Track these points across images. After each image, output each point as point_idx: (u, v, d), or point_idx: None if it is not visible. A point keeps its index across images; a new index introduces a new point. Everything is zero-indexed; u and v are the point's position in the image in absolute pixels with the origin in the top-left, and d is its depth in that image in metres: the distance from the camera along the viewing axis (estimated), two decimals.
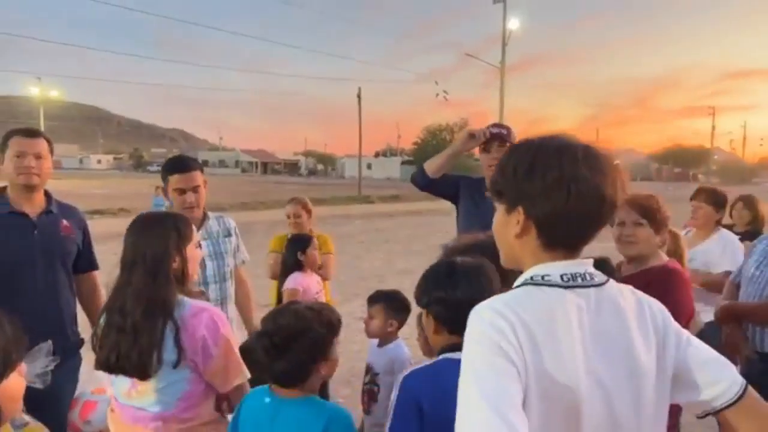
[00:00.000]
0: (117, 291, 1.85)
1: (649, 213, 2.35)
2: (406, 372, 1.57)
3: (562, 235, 1.07)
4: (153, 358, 1.75)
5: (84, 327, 2.59)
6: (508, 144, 3.02)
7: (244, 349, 1.88)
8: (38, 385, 2.08)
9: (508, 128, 3.22)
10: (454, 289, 1.50)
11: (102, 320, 1.88)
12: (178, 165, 2.69)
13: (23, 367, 1.25)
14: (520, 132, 2.99)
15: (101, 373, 1.95)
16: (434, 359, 1.56)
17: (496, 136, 3.03)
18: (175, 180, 2.63)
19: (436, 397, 1.44)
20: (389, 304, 2.54)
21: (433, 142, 65.53)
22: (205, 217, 2.82)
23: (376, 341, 2.58)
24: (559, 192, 1.03)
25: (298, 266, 3.41)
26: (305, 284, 3.37)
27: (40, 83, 42.36)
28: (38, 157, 2.44)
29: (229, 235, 2.88)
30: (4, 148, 2.44)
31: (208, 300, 2.44)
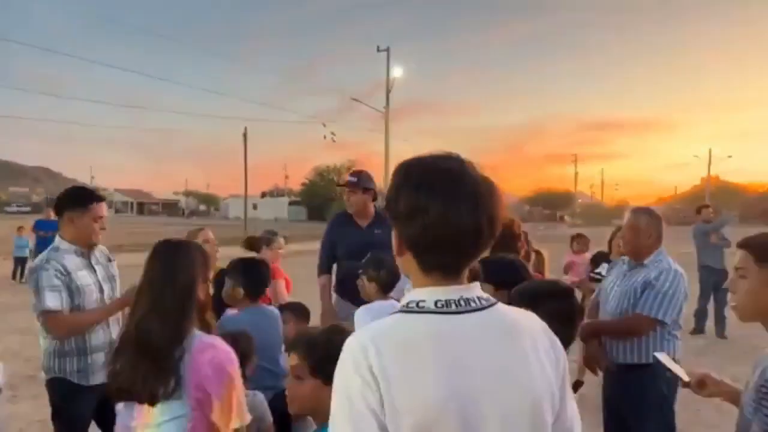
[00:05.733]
0: (143, 313, 1.83)
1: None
2: None
3: (434, 260, 1.06)
4: (164, 383, 1.75)
5: None
6: (359, 190, 3.85)
7: None
8: None
9: (359, 174, 3.90)
10: None
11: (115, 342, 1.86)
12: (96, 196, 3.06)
13: None
14: None
15: None
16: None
17: (349, 183, 3.85)
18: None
19: None
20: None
21: (321, 182, 65.78)
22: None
23: None
24: (413, 221, 1.04)
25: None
26: None
27: None
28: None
29: (110, 261, 3.10)
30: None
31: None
